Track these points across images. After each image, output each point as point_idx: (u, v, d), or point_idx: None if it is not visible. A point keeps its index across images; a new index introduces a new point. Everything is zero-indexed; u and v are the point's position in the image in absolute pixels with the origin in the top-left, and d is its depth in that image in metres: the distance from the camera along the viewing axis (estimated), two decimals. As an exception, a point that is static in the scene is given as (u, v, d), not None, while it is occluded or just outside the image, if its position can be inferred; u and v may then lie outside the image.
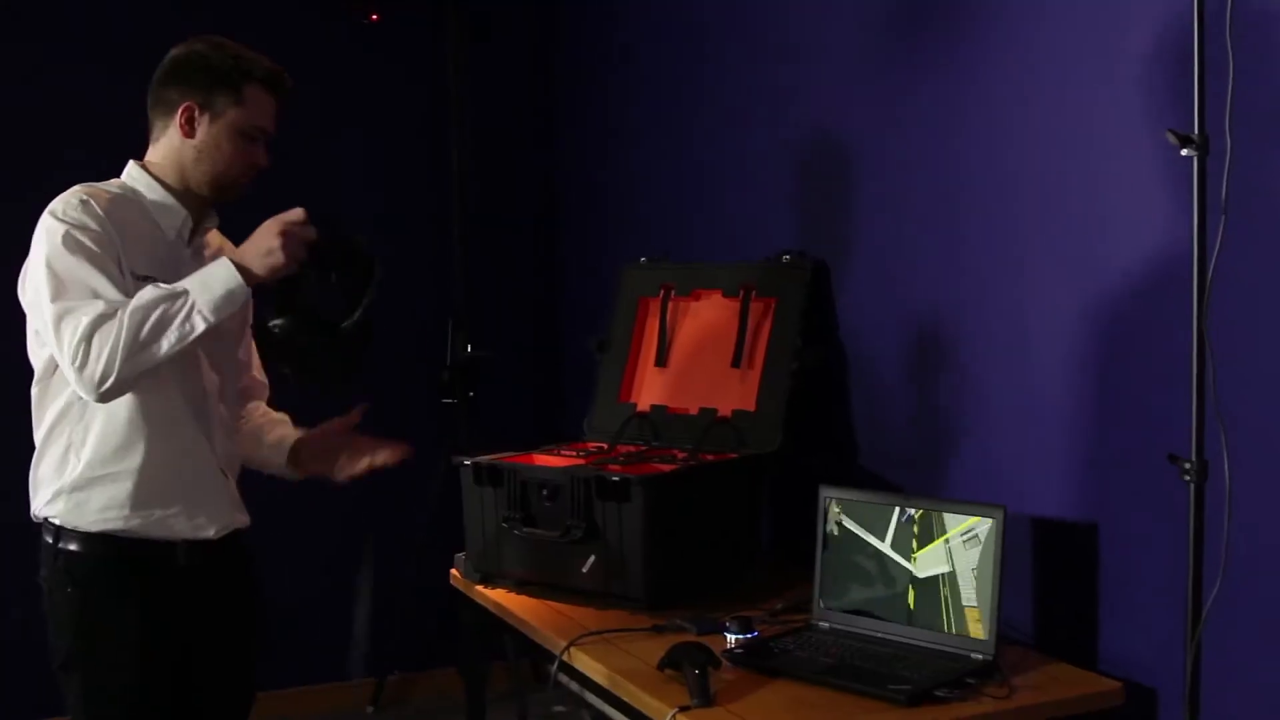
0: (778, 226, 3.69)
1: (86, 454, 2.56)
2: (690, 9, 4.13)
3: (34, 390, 2.62)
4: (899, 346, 3.27)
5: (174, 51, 2.68)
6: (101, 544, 2.57)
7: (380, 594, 4.80)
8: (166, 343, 2.39)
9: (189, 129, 2.62)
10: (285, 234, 2.47)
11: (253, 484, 4.61)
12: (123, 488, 2.56)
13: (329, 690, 4.74)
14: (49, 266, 2.44)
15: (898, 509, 2.74)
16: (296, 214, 2.51)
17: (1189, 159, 2.20)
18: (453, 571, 3.40)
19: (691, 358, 3.62)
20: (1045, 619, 2.85)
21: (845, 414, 3.44)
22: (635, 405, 3.66)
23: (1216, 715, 2.37)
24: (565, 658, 2.77)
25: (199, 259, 2.66)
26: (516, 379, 5.08)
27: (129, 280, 2.49)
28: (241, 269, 2.45)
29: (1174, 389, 2.35)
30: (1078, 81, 2.72)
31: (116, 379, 2.38)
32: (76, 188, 2.55)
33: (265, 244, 2.48)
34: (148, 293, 2.41)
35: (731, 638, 2.72)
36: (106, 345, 2.36)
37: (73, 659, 2.58)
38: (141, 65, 4.43)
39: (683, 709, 2.39)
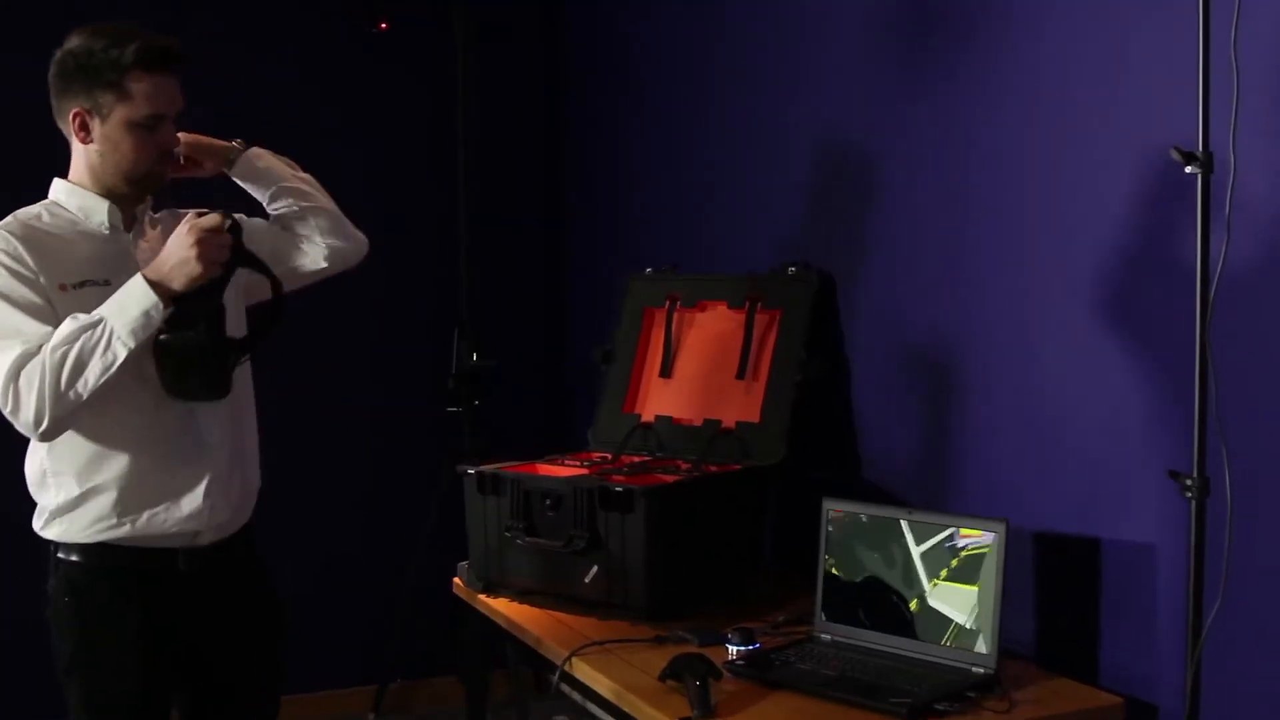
0: (783, 238, 3.70)
1: (67, 477, 2.54)
2: (696, 18, 4.13)
3: None
4: (903, 359, 3.27)
5: (55, 55, 2.58)
6: (99, 554, 2.56)
7: (382, 601, 4.80)
8: (92, 375, 2.36)
9: (84, 135, 2.55)
10: (201, 242, 2.41)
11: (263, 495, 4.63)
12: (108, 498, 2.54)
13: (330, 697, 4.74)
14: None
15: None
16: (211, 220, 2.45)
17: (1193, 176, 2.20)
18: (455, 580, 3.41)
19: (696, 369, 3.63)
20: (1046, 633, 2.85)
21: (849, 426, 3.44)
22: (639, 416, 3.66)
23: (1216, 731, 2.37)
24: (567, 668, 2.78)
25: (148, 245, 2.62)
26: (521, 388, 5.09)
27: (63, 295, 2.45)
28: (156, 284, 2.40)
29: (1176, 404, 2.35)
30: (1082, 97, 2.72)
31: (51, 419, 2.37)
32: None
33: (180, 254, 2.41)
34: (66, 326, 2.38)
35: (733, 649, 2.72)
36: (33, 389, 2.35)
37: (74, 666, 2.58)
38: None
39: (683, 720, 2.40)
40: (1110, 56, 2.65)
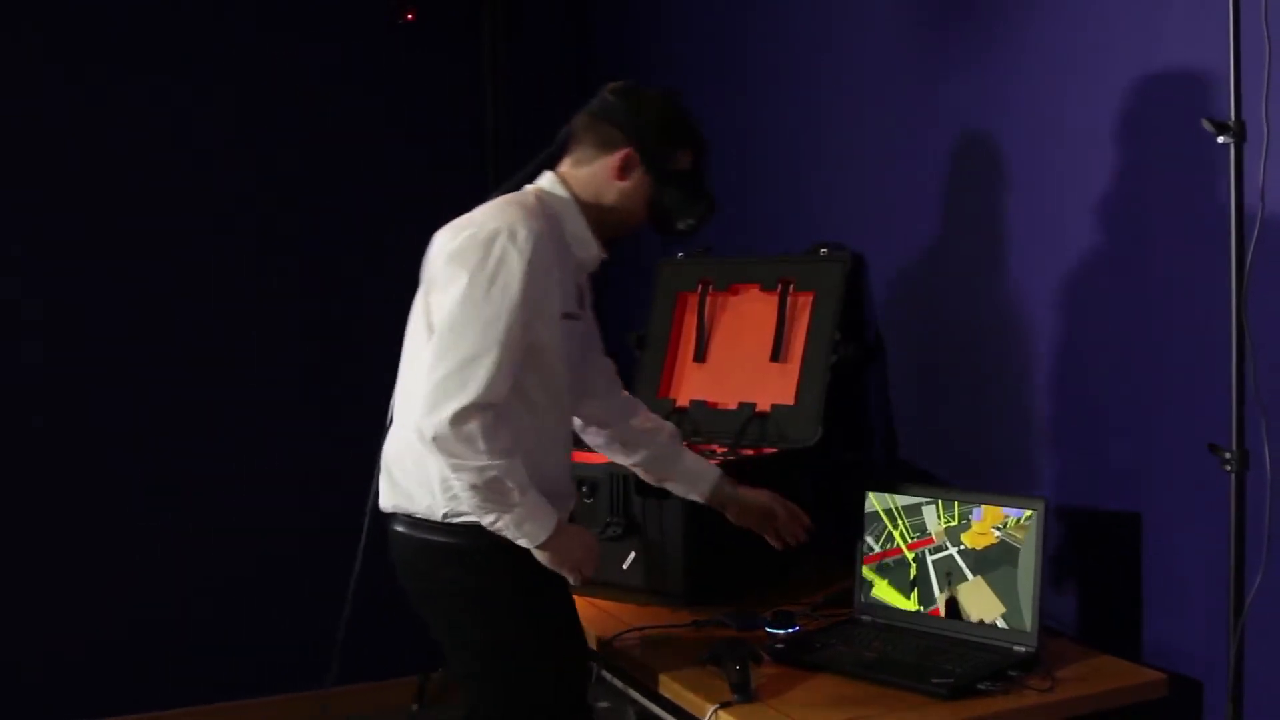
0: (814, 219, 3.68)
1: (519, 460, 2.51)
2: (726, 4, 4.12)
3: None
4: (937, 338, 3.26)
5: (626, 87, 2.67)
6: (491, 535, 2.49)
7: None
8: (488, 506, 2.40)
9: (622, 174, 2.61)
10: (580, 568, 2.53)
11: (292, 486, 4.65)
12: (548, 487, 2.53)
13: (374, 688, 4.75)
14: (476, 301, 2.42)
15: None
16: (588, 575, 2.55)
17: (1226, 146, 2.18)
18: (494, 569, 3.41)
19: (730, 352, 3.62)
20: (1088, 611, 2.83)
21: (884, 406, 3.43)
22: (674, 401, 3.66)
23: (1261, 705, 2.36)
24: (607, 654, 2.78)
25: (587, 279, 2.72)
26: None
27: (552, 320, 2.49)
28: (542, 548, 2.46)
29: (1214, 378, 2.33)
30: (1115, 71, 2.70)
31: (445, 448, 2.37)
32: (518, 213, 2.50)
33: (569, 561, 2.50)
34: (482, 496, 2.39)
35: (773, 632, 2.72)
36: (462, 454, 2.36)
37: (526, 646, 2.54)
38: (175, 63, 4.47)
39: (724, 705, 2.39)
40: (1143, 29, 2.63)
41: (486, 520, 2.41)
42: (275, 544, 4.64)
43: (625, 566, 3.03)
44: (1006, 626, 2.62)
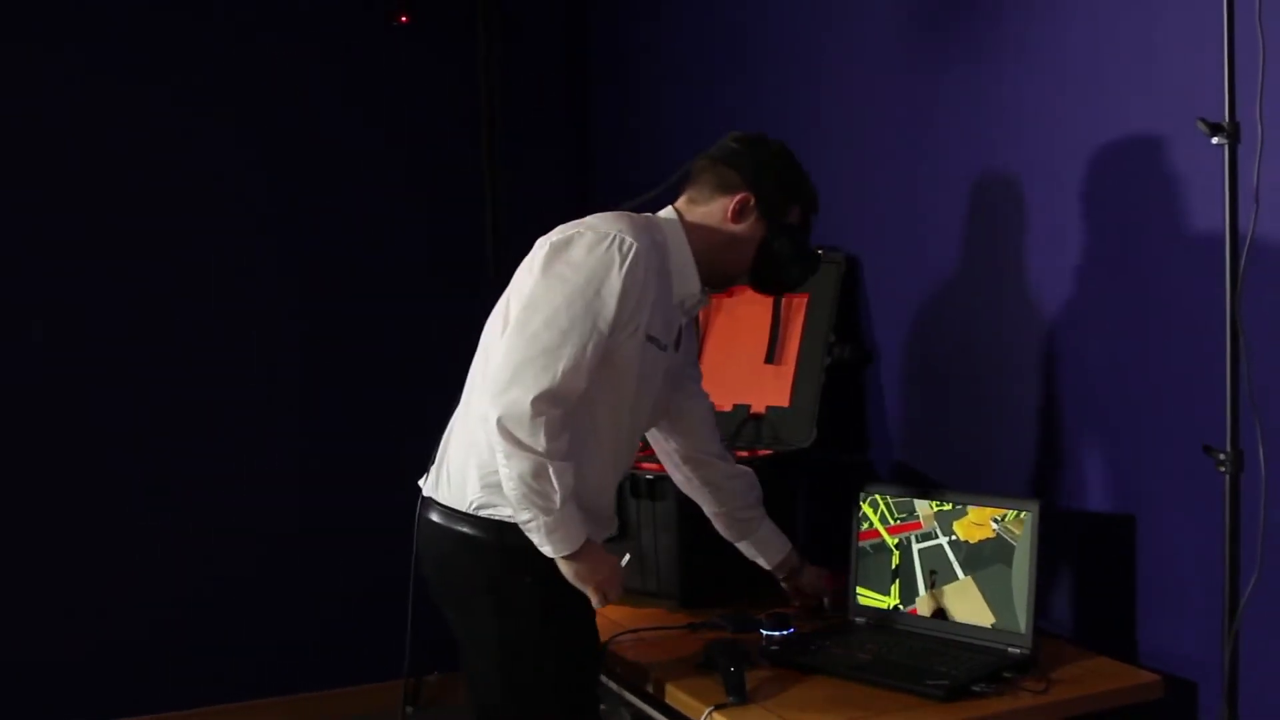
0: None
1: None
2: (723, 5, 4.12)
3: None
4: (933, 340, 3.25)
5: (749, 136, 2.69)
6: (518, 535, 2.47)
7: (418, 594, 4.81)
8: (526, 502, 2.37)
9: (737, 217, 2.62)
10: (603, 593, 2.49)
11: (292, 486, 4.65)
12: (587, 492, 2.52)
13: (368, 691, 4.75)
14: (570, 295, 2.41)
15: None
16: (612, 599, 2.51)
17: (1220, 147, 2.18)
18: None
19: (725, 354, 3.62)
20: (1083, 612, 2.83)
21: (879, 408, 3.43)
22: (671, 402, 3.65)
23: (1256, 706, 2.35)
24: (603, 656, 2.78)
25: (690, 324, 2.74)
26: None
27: (638, 339, 2.47)
28: (568, 560, 2.43)
29: (1209, 379, 2.33)
30: (1109, 72, 2.70)
31: (508, 429, 2.35)
32: (629, 225, 2.49)
33: (593, 580, 2.46)
34: (544, 483, 2.36)
35: (768, 634, 2.72)
36: (520, 438, 2.34)
37: (539, 646, 2.53)
38: (174, 64, 4.46)
39: (719, 707, 2.40)
40: (1138, 29, 2.63)
41: (522, 518, 2.40)
42: (275, 544, 4.63)
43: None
44: (1001, 628, 2.62)
